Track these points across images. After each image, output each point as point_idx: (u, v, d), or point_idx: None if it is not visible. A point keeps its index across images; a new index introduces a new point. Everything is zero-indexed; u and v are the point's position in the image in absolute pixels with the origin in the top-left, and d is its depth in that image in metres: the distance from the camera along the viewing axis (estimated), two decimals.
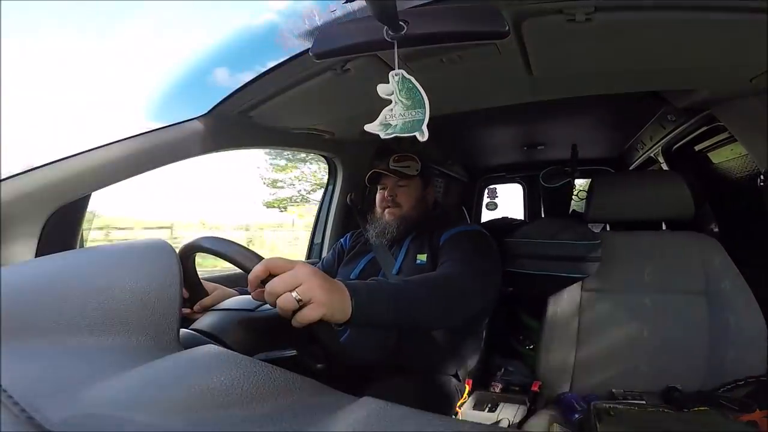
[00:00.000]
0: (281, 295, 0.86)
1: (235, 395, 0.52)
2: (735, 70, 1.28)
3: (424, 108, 0.89)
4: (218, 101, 1.47)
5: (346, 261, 1.88)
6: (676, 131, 2.35)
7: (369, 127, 0.93)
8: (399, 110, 0.90)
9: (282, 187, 7.76)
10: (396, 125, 0.90)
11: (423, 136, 0.89)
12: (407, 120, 0.90)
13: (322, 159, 2.51)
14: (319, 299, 0.89)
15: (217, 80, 1.43)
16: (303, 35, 1.11)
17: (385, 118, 0.91)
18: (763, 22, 0.95)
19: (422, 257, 1.67)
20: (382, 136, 0.92)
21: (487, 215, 4.69)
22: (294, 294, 0.86)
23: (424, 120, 0.89)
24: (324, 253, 2.47)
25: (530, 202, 4.61)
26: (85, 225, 1.42)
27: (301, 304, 0.87)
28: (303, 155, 6.30)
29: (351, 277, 1.74)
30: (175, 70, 1.47)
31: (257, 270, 0.89)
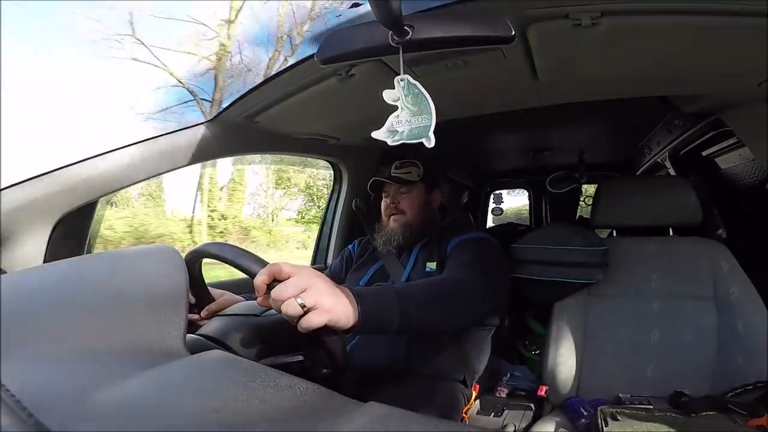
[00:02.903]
0: (286, 300, 0.86)
1: (241, 400, 0.52)
2: (743, 74, 1.28)
3: (431, 114, 0.89)
4: (224, 107, 1.48)
5: (354, 268, 1.88)
6: (683, 136, 2.34)
7: (376, 134, 0.93)
8: (405, 116, 0.91)
9: None
10: (403, 132, 0.91)
11: (430, 142, 0.89)
12: (414, 126, 0.90)
13: None
14: (324, 305, 0.88)
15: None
16: (309, 40, 1.12)
17: (392, 124, 0.92)
18: None
19: (432, 265, 1.67)
20: (389, 143, 0.92)
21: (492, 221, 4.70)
22: (299, 300, 0.86)
23: (430, 126, 0.89)
24: (329, 259, 2.48)
25: (536, 208, 4.60)
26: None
27: (306, 310, 0.87)
28: None
29: (360, 284, 1.73)
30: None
31: (263, 275, 0.89)
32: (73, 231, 1.32)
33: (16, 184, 1.19)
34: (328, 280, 0.94)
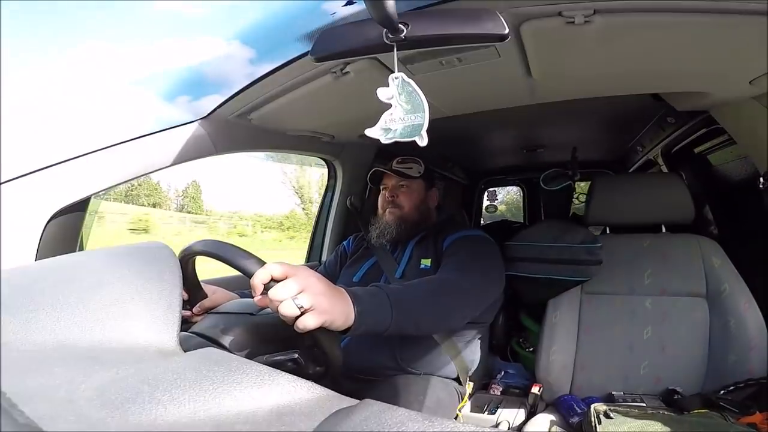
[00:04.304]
0: (283, 301, 0.86)
1: (235, 398, 0.52)
2: (734, 72, 1.28)
3: (424, 112, 0.89)
4: (218, 104, 1.47)
5: (348, 264, 1.88)
6: (675, 133, 2.35)
7: (369, 132, 0.93)
8: (399, 114, 0.90)
9: None
10: (396, 130, 0.91)
11: (423, 140, 0.89)
12: (407, 124, 0.90)
13: None
14: (321, 306, 0.89)
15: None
16: (303, 37, 1.11)
17: (385, 122, 0.91)
18: (763, 24, 0.95)
19: (426, 262, 1.67)
20: (383, 140, 0.92)
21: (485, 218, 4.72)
22: (296, 300, 0.86)
23: (423, 124, 0.89)
24: (324, 256, 2.48)
25: (530, 205, 4.62)
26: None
27: (303, 311, 0.87)
28: None
29: (354, 280, 1.74)
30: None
31: (260, 275, 0.89)
32: (65, 228, 1.32)
33: (9, 179, 1.18)
34: (325, 280, 0.95)
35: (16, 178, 1.19)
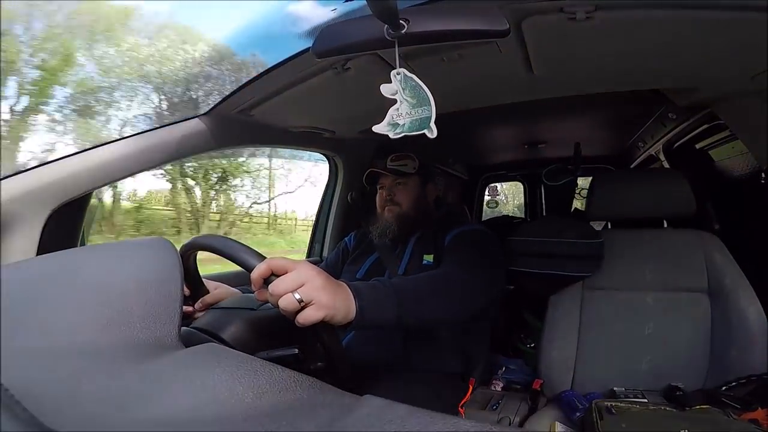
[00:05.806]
0: (283, 295, 0.86)
1: (236, 394, 0.52)
2: (736, 68, 1.28)
3: (430, 105, 0.89)
4: (219, 100, 1.47)
5: (350, 260, 1.88)
6: (677, 129, 2.35)
7: (377, 128, 0.93)
8: (405, 109, 0.90)
9: None
10: (404, 124, 0.91)
11: (432, 133, 0.89)
12: (414, 118, 0.90)
13: None
14: (321, 300, 0.88)
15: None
16: (304, 34, 1.11)
17: (392, 118, 0.91)
18: (764, 19, 0.95)
19: (428, 258, 1.66)
20: (391, 136, 0.92)
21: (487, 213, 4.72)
22: (296, 294, 0.86)
23: (431, 117, 0.89)
24: (325, 253, 2.48)
25: (531, 201, 4.61)
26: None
27: (303, 305, 0.87)
28: None
29: (357, 276, 1.73)
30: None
31: (260, 269, 0.89)
32: (66, 223, 1.32)
33: (9, 175, 1.19)
34: (326, 274, 0.94)
35: (18, 173, 1.20)
